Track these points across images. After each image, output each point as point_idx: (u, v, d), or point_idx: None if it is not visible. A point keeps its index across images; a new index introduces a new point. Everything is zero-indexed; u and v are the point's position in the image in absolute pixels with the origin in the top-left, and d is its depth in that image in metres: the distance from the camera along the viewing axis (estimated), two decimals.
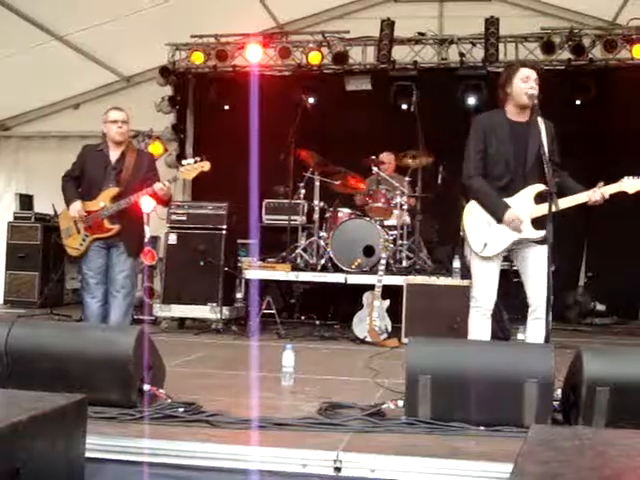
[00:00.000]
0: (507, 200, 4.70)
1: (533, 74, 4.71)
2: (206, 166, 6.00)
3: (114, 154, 6.02)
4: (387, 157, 9.03)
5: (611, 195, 4.66)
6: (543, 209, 4.47)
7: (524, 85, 4.67)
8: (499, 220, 4.71)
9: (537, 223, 4.65)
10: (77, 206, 5.92)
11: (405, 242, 8.43)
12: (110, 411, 3.60)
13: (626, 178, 4.65)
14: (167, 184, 5.81)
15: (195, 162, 6.01)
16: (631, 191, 4.65)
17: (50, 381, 3.56)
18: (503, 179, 4.74)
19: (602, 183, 4.63)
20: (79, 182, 6.05)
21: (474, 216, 4.84)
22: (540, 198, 4.62)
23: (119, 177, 5.94)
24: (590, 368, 3.50)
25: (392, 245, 7.95)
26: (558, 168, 4.78)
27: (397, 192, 8.33)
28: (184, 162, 6.14)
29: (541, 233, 4.58)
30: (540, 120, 4.68)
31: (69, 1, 9.33)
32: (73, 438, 2.72)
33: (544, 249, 4.45)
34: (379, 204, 8.33)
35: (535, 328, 4.64)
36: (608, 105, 10.07)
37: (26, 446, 2.39)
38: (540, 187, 4.62)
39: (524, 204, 4.69)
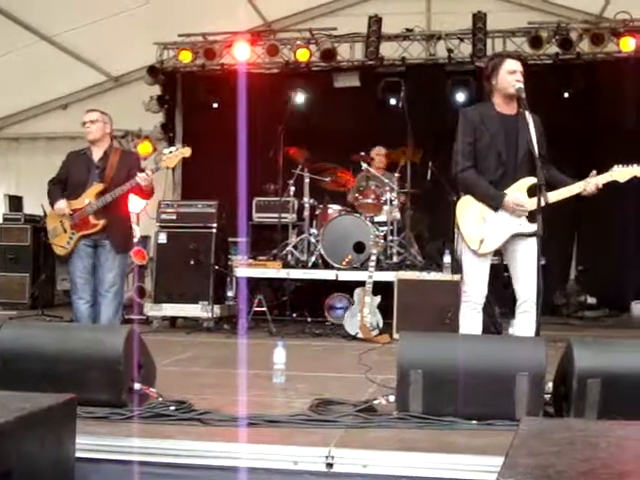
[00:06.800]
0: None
1: (519, 66, 4.67)
2: (187, 152, 5.98)
3: (97, 154, 6.02)
4: (378, 152, 8.97)
5: (602, 187, 4.64)
6: (536, 202, 4.41)
7: (510, 77, 4.62)
8: (497, 208, 4.64)
9: (531, 216, 4.57)
10: (62, 204, 5.90)
11: (395, 238, 8.43)
12: (101, 411, 3.58)
13: (616, 167, 4.57)
14: (149, 173, 5.78)
15: (177, 149, 6.03)
16: (622, 180, 4.57)
17: (40, 382, 3.55)
18: (496, 172, 4.67)
19: (595, 172, 4.57)
20: (64, 186, 6.03)
21: (468, 212, 4.76)
22: (532, 191, 4.55)
23: (103, 174, 5.92)
24: (581, 360, 3.50)
25: (382, 241, 7.94)
26: (546, 162, 4.72)
27: (387, 188, 8.32)
28: (165, 151, 6.12)
29: (536, 226, 4.48)
30: (527, 114, 4.67)
31: (57, 2, 9.30)
32: (62, 438, 2.70)
33: (534, 242, 4.44)
34: (369, 200, 8.32)
35: (523, 321, 4.60)
36: (596, 98, 10.11)
37: (16, 447, 2.38)
38: (532, 180, 4.55)
39: (518, 197, 4.63)
